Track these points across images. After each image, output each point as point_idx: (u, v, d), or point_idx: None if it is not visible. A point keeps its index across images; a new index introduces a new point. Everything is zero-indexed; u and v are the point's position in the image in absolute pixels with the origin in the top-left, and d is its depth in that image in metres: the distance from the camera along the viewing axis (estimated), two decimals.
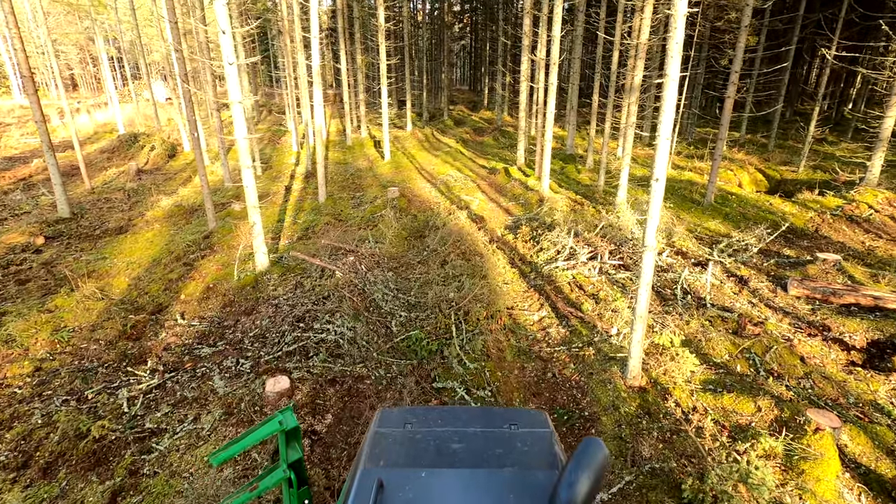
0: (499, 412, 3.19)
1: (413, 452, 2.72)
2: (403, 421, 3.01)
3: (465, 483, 2.42)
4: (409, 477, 2.46)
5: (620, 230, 11.44)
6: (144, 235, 13.88)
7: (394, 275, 9.96)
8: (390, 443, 2.81)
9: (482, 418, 3.05)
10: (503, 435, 2.84)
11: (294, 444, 3.38)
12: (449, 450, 2.71)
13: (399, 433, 2.90)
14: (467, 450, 2.71)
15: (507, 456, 2.66)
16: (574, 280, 9.68)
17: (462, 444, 2.76)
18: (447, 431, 2.88)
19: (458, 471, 2.52)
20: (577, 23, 20.08)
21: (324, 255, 10.73)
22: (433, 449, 2.73)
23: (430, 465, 2.58)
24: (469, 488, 2.39)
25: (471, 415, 3.10)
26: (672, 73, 5.11)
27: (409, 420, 3.01)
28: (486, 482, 2.42)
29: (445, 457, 2.66)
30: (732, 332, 7.84)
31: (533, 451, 2.72)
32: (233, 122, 23.56)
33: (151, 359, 7.89)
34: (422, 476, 2.47)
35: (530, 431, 2.89)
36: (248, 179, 9.71)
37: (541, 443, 2.79)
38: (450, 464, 2.60)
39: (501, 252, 11.38)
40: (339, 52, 26.22)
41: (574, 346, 7.78)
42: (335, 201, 16.26)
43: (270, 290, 9.94)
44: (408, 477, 2.46)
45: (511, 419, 3.00)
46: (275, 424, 3.20)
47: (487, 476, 2.47)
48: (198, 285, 10.49)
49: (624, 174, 13.68)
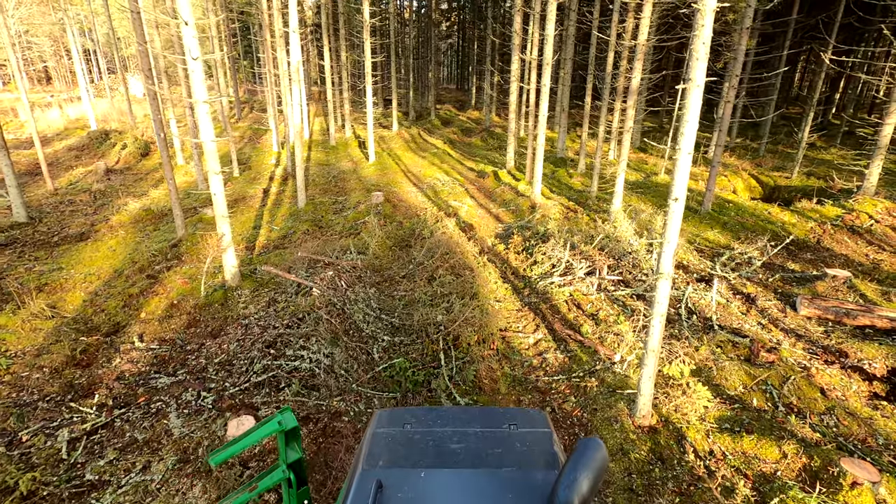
0: (498, 412, 3.14)
1: (412, 453, 2.70)
2: (402, 421, 2.98)
3: (465, 483, 2.42)
4: (408, 477, 2.45)
5: (618, 242, 10.80)
6: (107, 243, 12.85)
7: (377, 291, 9.16)
8: (389, 443, 2.79)
9: (481, 418, 3.02)
10: (502, 435, 2.83)
11: (293, 445, 3.32)
12: (448, 450, 2.70)
13: (398, 433, 2.87)
14: (466, 450, 2.70)
15: (507, 456, 2.64)
16: (572, 298, 9.00)
17: (461, 444, 2.75)
18: (446, 432, 2.86)
19: (457, 471, 2.51)
20: (568, 22, 19.46)
21: (300, 268, 9.88)
22: (432, 449, 2.71)
23: (429, 466, 2.56)
24: (468, 488, 2.38)
25: (470, 415, 3.07)
26: (697, 77, 4.41)
27: (408, 420, 2.99)
28: (486, 482, 2.41)
29: (444, 457, 2.64)
30: (745, 360, 7.23)
31: (532, 451, 2.70)
32: (224, 116, 22.27)
33: (101, 391, 6.99)
34: (421, 476, 2.46)
35: (529, 431, 2.87)
36: (217, 186, 8.83)
37: (540, 443, 2.78)
38: (449, 464, 2.58)
39: (492, 265, 10.65)
40: (324, 48, 25.26)
41: (574, 375, 7.09)
42: (315, 206, 15.38)
43: (241, 307, 9.06)
44: (407, 477, 2.45)
45: (510, 419, 2.98)
46: (274, 425, 3.13)
47: (486, 476, 2.46)
48: (161, 302, 9.57)
49: (619, 181, 13.07)
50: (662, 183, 17.34)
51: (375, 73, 25.62)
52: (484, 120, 32.89)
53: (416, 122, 34.97)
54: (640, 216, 12.40)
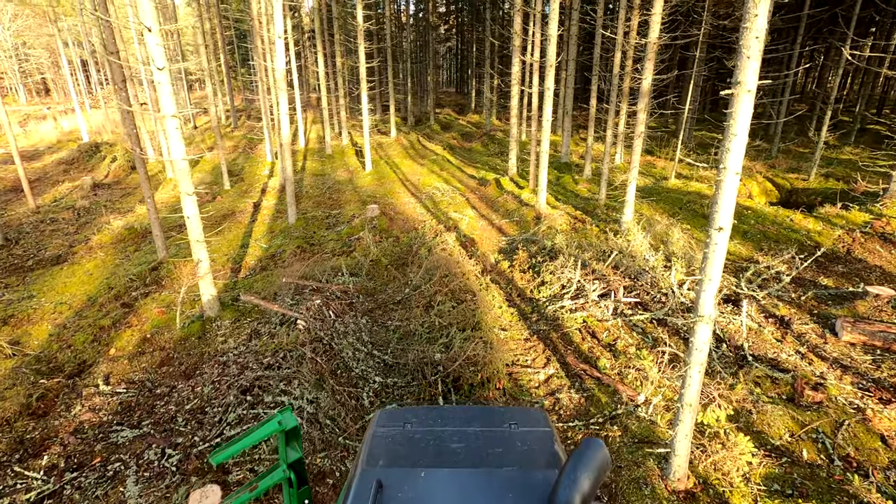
0: (498, 411, 3.09)
1: (412, 452, 2.68)
2: (403, 421, 2.95)
3: (465, 483, 2.39)
4: (408, 477, 2.43)
5: (633, 258, 9.91)
6: (84, 266, 12.05)
7: (368, 321, 8.29)
8: (389, 443, 2.77)
9: (481, 418, 2.97)
10: (503, 434, 2.80)
11: (294, 444, 3.30)
12: (448, 449, 2.68)
13: (398, 433, 2.85)
14: (467, 449, 2.67)
15: (507, 455, 2.61)
16: (585, 325, 8.10)
17: (461, 443, 2.72)
18: (446, 431, 2.83)
19: (458, 470, 2.48)
20: (570, 21, 18.61)
21: (286, 294, 9.03)
22: (432, 449, 2.69)
23: (430, 465, 2.54)
24: (468, 488, 2.35)
25: (470, 414, 3.03)
26: (748, 80, 3.55)
27: (409, 420, 2.95)
28: (486, 482, 2.38)
29: (445, 456, 2.62)
30: (788, 399, 6.32)
31: (532, 450, 2.67)
32: (210, 127, 21.47)
33: (54, 448, 6.14)
34: (421, 476, 2.44)
35: (530, 431, 2.83)
36: (190, 209, 7.99)
37: (540, 442, 2.74)
38: (449, 463, 2.55)
39: (496, 286, 9.77)
40: (317, 54, 24.50)
41: (593, 420, 6.19)
42: (307, 221, 14.53)
43: (219, 341, 8.21)
44: (407, 477, 2.43)
45: (511, 418, 2.94)
46: (274, 424, 3.10)
47: (487, 476, 2.43)
48: (133, 335, 8.73)
49: (631, 189, 12.18)
50: (674, 188, 16.43)
51: (371, 78, 24.83)
52: (484, 124, 32.06)
53: (415, 128, 34.17)
54: (654, 228, 11.50)
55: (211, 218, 15.15)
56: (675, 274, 9.39)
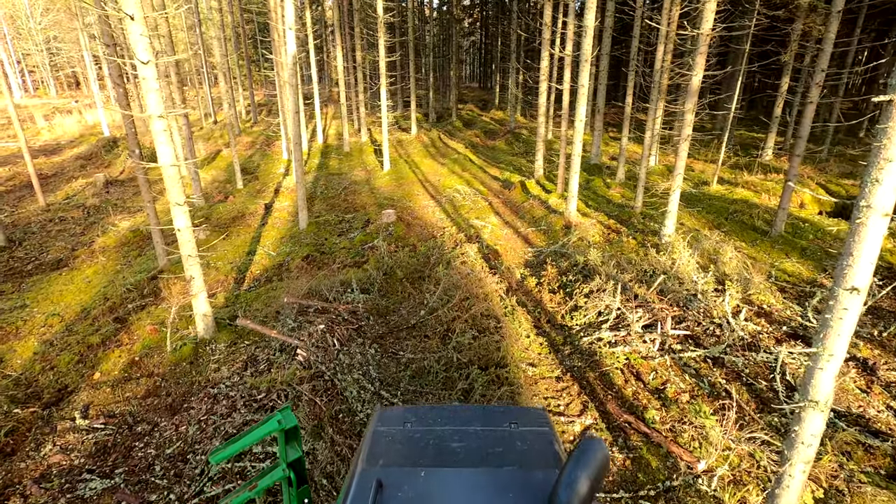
0: (498, 411, 3.02)
1: (412, 452, 2.62)
2: (403, 420, 2.90)
3: (465, 482, 2.34)
4: (408, 476, 2.40)
5: (680, 281, 8.71)
6: (84, 272, 11.41)
7: (377, 351, 7.31)
8: (389, 442, 2.71)
9: (482, 417, 2.92)
10: (503, 434, 2.74)
11: (293, 444, 3.20)
12: (448, 449, 2.62)
13: (398, 432, 2.79)
14: (467, 449, 2.61)
15: (507, 455, 2.56)
16: (628, 363, 6.97)
17: (462, 443, 2.66)
18: (447, 430, 2.78)
19: (458, 470, 2.44)
20: (606, 11, 17.25)
21: (288, 315, 8.12)
22: (432, 448, 2.64)
23: (430, 465, 2.49)
24: (468, 487, 2.30)
25: (470, 413, 2.97)
26: None
27: (409, 419, 2.90)
28: (486, 481, 2.34)
29: (445, 456, 2.57)
30: (889, 476, 5.11)
31: (533, 449, 2.61)
32: (228, 124, 20.89)
33: (13, 501, 5.35)
34: (421, 475, 2.39)
35: (530, 430, 2.78)
36: (181, 220, 7.14)
37: (541, 442, 2.68)
38: (449, 463, 2.50)
39: (523, 310, 8.70)
40: (336, 47, 23.64)
41: (643, 492, 5.10)
42: (319, 227, 13.66)
43: (212, 369, 7.35)
44: (407, 476, 2.40)
45: (511, 418, 2.88)
46: (273, 423, 3.02)
47: (487, 475, 2.39)
48: (121, 357, 7.95)
49: (674, 199, 10.92)
50: (717, 195, 15.02)
51: (392, 73, 23.88)
52: (508, 121, 30.80)
53: (437, 124, 33.11)
54: (701, 244, 10.23)
55: (220, 220, 14.41)
56: (728, 300, 8.18)
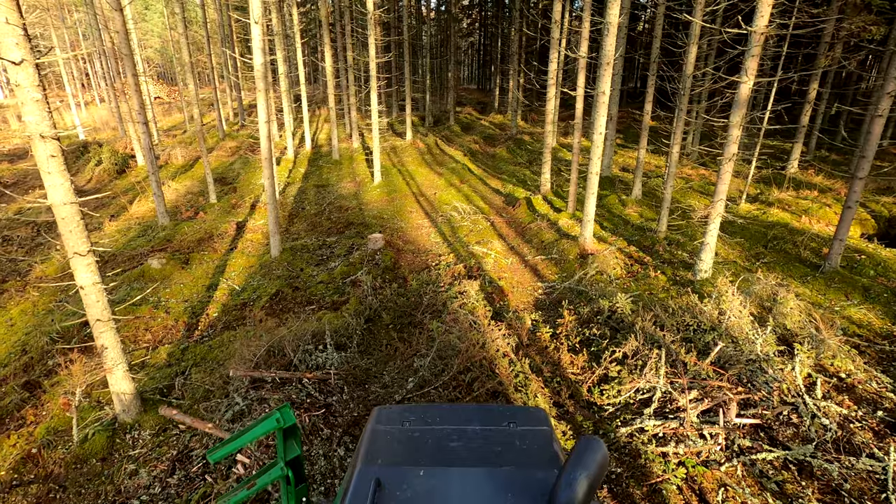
0: (498, 410, 3.01)
1: (411, 451, 2.59)
2: (401, 419, 2.86)
3: (464, 482, 2.33)
4: (407, 475, 2.37)
5: (733, 340, 6.92)
6: (8, 312, 9.56)
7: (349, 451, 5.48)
8: (388, 441, 2.68)
9: (481, 416, 2.88)
10: (502, 433, 2.72)
11: (292, 442, 3.19)
12: (447, 448, 2.59)
13: (397, 431, 2.76)
14: (466, 448, 2.59)
15: (506, 454, 2.53)
16: (688, 476, 5.16)
17: (460, 442, 2.64)
18: (445, 430, 2.75)
19: (457, 469, 2.41)
20: (622, 6, 15.48)
21: (235, 392, 6.28)
22: (431, 447, 2.61)
23: (429, 464, 2.46)
24: (467, 487, 2.30)
25: (469, 413, 2.95)
26: None
27: (407, 418, 2.87)
28: (485, 481, 2.31)
29: (444, 455, 2.54)
30: None
31: (532, 449, 2.59)
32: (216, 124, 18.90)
33: None
34: (420, 474, 2.37)
35: (529, 430, 2.75)
36: (85, 276, 5.31)
37: (540, 441, 2.65)
38: (448, 462, 2.47)
39: (537, 379, 6.88)
40: (324, 47, 21.83)
41: None
42: (295, 253, 11.80)
43: (126, 472, 5.51)
44: (406, 475, 2.37)
45: (510, 417, 2.86)
46: (272, 422, 3.02)
47: (486, 475, 2.36)
48: (17, 446, 6.10)
49: (712, 230, 9.15)
50: (749, 216, 13.26)
51: (386, 75, 22.08)
52: (509, 126, 29.02)
53: (434, 128, 31.30)
54: (752, 287, 8.42)
55: (182, 243, 12.55)
56: (798, 368, 6.41)
